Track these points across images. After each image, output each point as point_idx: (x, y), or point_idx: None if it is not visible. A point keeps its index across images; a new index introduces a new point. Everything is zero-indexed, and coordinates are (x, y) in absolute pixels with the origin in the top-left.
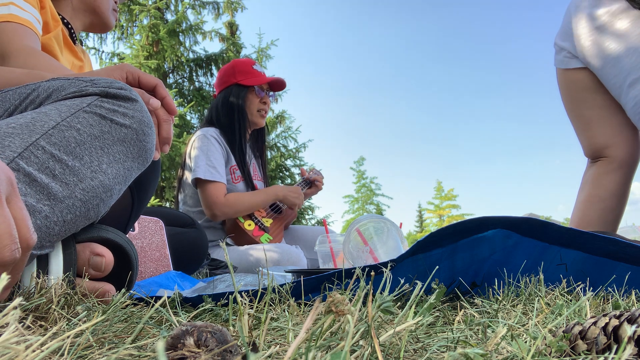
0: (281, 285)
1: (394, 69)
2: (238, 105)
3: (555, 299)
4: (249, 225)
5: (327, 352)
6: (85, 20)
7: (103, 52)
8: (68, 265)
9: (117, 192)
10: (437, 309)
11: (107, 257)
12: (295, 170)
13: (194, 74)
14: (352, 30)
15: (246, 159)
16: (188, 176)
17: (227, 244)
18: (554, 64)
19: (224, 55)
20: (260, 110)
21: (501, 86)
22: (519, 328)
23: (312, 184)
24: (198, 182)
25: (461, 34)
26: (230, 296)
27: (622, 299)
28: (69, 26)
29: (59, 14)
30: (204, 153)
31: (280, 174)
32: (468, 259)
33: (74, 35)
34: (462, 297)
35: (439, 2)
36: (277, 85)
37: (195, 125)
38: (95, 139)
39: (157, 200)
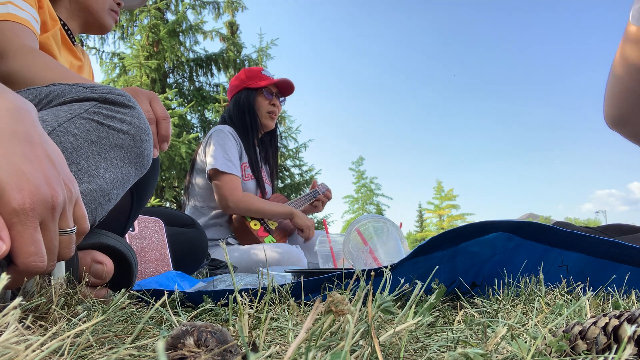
0: (281, 285)
1: (394, 68)
2: (249, 106)
3: (555, 299)
4: (254, 225)
5: (327, 352)
6: (80, 21)
7: (103, 52)
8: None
9: (115, 196)
10: (437, 309)
11: (108, 265)
12: (295, 170)
13: (194, 74)
14: (352, 30)
15: (258, 158)
16: (201, 165)
17: (229, 243)
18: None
19: (224, 55)
20: (270, 112)
21: (502, 87)
22: (519, 328)
23: (316, 199)
24: (214, 174)
25: (462, 34)
26: (230, 296)
27: (622, 299)
28: (66, 27)
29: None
30: (221, 146)
31: (280, 174)
32: (469, 260)
33: (71, 37)
34: (462, 297)
35: (440, 2)
36: (286, 88)
37: (195, 125)
38: (92, 144)
39: (157, 200)
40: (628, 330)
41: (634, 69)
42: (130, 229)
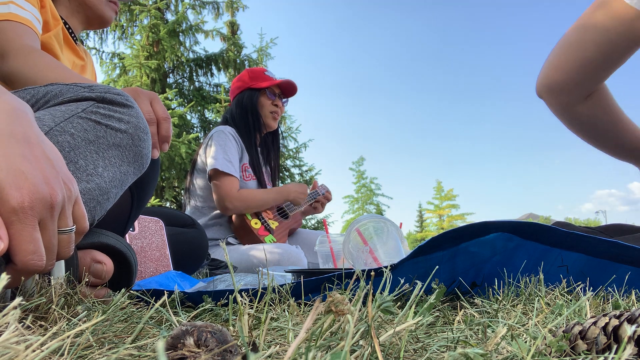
0: (281, 285)
1: (394, 69)
2: (251, 107)
3: (555, 299)
4: (255, 224)
5: (327, 352)
6: (81, 17)
7: (103, 52)
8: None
9: (113, 195)
10: (437, 309)
11: (107, 264)
12: (295, 170)
13: (194, 74)
14: (353, 30)
15: (260, 159)
16: (201, 166)
17: (230, 243)
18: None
19: (224, 55)
20: (272, 113)
21: (501, 87)
22: (519, 328)
23: (316, 200)
24: (214, 174)
25: (462, 35)
26: (230, 296)
27: (622, 299)
28: (67, 26)
29: None
30: (221, 147)
31: (280, 174)
32: (469, 261)
33: (73, 35)
34: (462, 297)
35: (440, 2)
36: (289, 89)
37: (195, 125)
38: (90, 143)
39: (157, 200)
40: (628, 330)
41: (604, 40)
42: (131, 229)
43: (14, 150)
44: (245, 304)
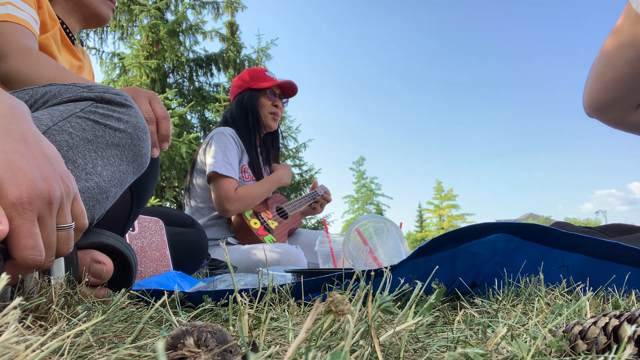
0: (281, 285)
1: (394, 69)
2: (251, 107)
3: (555, 299)
4: (254, 224)
5: (327, 352)
6: (78, 17)
7: (103, 52)
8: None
9: (113, 194)
10: (437, 309)
11: (107, 264)
12: (295, 170)
13: (194, 74)
14: (353, 30)
15: (260, 159)
16: (201, 166)
17: (230, 243)
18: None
19: (224, 55)
20: (272, 113)
21: (502, 88)
22: (519, 328)
23: (315, 200)
24: (213, 176)
25: (461, 35)
26: (230, 296)
27: (622, 299)
28: (64, 26)
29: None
30: (221, 149)
31: None
32: (469, 261)
33: (71, 35)
34: (462, 297)
35: (439, 3)
36: (289, 90)
37: (195, 125)
38: (88, 142)
39: (157, 200)
40: (628, 330)
41: (631, 55)
42: (130, 228)
43: (11, 148)
44: (245, 304)
